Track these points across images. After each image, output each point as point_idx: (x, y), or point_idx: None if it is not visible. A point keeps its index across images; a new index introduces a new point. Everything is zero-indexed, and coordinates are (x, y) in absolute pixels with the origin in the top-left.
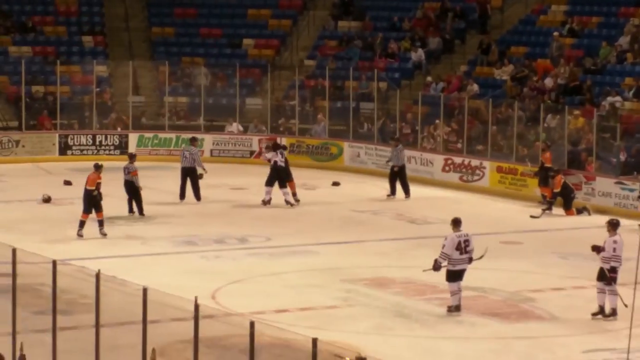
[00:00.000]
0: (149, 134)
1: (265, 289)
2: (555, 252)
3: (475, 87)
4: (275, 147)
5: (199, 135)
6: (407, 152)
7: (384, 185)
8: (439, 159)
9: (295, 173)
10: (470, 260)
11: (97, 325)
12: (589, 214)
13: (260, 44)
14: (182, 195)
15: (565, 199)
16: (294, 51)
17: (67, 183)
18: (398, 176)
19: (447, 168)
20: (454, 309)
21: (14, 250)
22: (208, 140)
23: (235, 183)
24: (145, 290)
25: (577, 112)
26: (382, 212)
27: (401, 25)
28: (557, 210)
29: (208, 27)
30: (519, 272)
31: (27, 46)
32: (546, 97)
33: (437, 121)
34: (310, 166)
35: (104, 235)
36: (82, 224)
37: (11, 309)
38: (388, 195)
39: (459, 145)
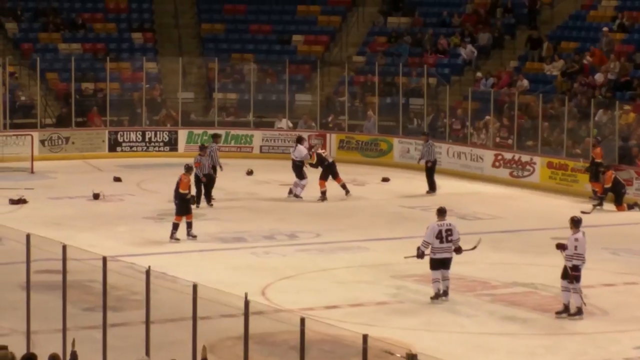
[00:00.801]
0: (198, 131)
1: (315, 285)
2: (606, 248)
3: (526, 82)
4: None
5: (249, 132)
6: (457, 148)
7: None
8: (489, 155)
9: (345, 169)
10: (459, 250)
11: (147, 322)
12: None
13: (309, 40)
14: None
15: (616, 195)
16: (344, 47)
17: (117, 180)
18: (429, 171)
19: (497, 164)
20: (435, 297)
21: (64, 247)
22: (257, 136)
23: (284, 179)
24: (195, 287)
25: (627, 107)
26: (431, 208)
27: (451, 21)
28: (608, 206)
29: (257, 23)
30: None
31: (77, 43)
32: (597, 92)
33: (487, 117)
34: (360, 162)
35: (194, 237)
36: (176, 226)
37: (62, 306)
38: (427, 192)
39: (510, 141)
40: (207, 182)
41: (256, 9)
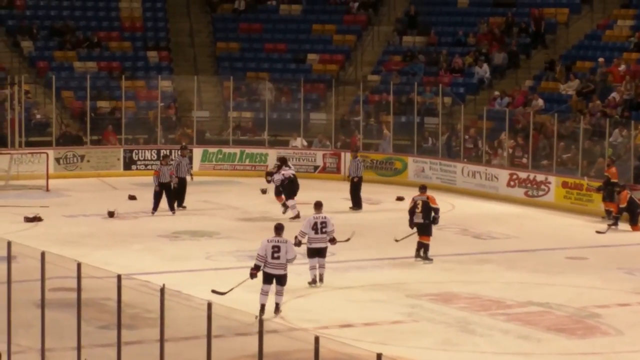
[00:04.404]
0: (213, 149)
1: (329, 304)
2: (621, 268)
3: (541, 102)
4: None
5: (263, 151)
6: (472, 167)
7: (448, 201)
8: (504, 174)
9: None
10: (333, 240)
11: (162, 340)
12: None
13: (324, 59)
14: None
15: (632, 215)
16: (359, 66)
17: (132, 198)
18: (356, 187)
19: (512, 183)
20: (312, 282)
21: (79, 265)
22: (272, 155)
23: (299, 198)
24: (209, 305)
25: None
26: (446, 227)
27: (466, 40)
28: (623, 226)
29: (273, 42)
30: (585, 288)
31: (93, 61)
32: (613, 112)
33: (502, 136)
34: (375, 181)
35: (430, 260)
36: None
37: (76, 324)
38: (350, 208)
39: (524, 160)
40: (171, 190)
41: (271, 27)
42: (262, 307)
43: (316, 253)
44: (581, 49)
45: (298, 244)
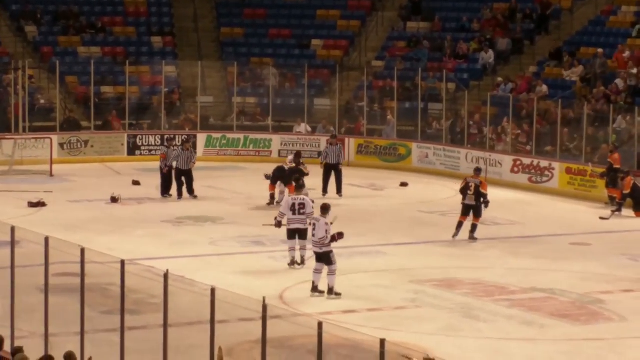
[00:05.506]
0: (217, 135)
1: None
2: (625, 254)
3: (545, 88)
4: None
5: (267, 136)
6: (476, 153)
7: (452, 186)
8: (507, 160)
9: (363, 173)
10: None
11: (165, 325)
12: None
13: (329, 44)
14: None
15: (635, 201)
16: (363, 52)
17: (136, 183)
18: (339, 174)
19: (516, 169)
20: (290, 263)
21: (82, 250)
22: (276, 140)
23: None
24: (213, 290)
25: None
26: (450, 213)
27: (470, 26)
28: (627, 212)
29: (277, 27)
30: (588, 274)
31: (97, 47)
32: (618, 98)
33: (504, 122)
34: (379, 167)
35: (475, 240)
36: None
37: (80, 309)
38: (325, 195)
39: (528, 148)
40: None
41: (276, 13)
42: (313, 284)
43: (294, 234)
44: (585, 35)
45: (278, 224)
